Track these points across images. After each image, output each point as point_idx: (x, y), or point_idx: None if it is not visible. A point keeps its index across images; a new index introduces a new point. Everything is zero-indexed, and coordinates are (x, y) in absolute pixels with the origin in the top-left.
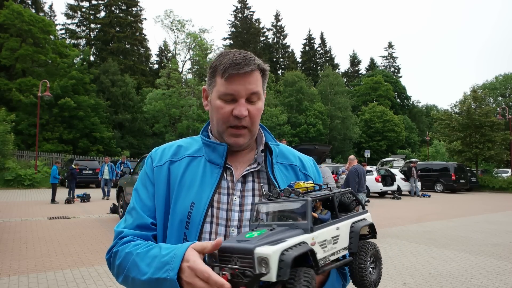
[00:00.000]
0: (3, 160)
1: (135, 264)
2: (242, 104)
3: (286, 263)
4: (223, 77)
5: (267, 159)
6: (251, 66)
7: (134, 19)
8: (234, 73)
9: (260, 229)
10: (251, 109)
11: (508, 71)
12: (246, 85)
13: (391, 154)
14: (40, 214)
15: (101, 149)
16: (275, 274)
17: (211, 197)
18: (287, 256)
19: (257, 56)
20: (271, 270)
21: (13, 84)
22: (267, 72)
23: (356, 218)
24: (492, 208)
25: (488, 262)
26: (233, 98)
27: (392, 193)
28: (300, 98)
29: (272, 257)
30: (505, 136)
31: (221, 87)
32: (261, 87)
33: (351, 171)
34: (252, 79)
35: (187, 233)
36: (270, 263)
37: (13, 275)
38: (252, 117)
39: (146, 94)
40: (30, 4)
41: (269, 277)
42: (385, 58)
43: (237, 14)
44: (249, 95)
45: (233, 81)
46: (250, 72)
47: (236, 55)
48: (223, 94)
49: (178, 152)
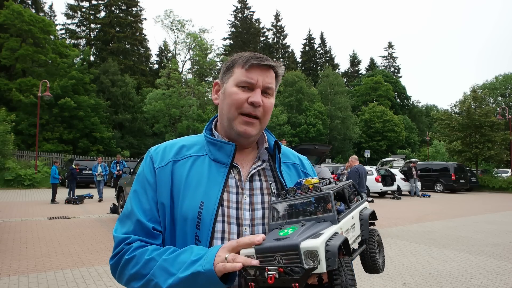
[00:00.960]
0: (3, 160)
1: (162, 269)
2: (259, 93)
3: (333, 253)
4: (243, 67)
5: (275, 157)
6: (270, 62)
7: (134, 19)
8: (256, 63)
9: (289, 226)
10: (265, 101)
11: (508, 71)
12: (264, 77)
13: (391, 154)
14: (40, 214)
15: (101, 149)
16: (325, 265)
17: (220, 195)
18: (332, 246)
19: None
20: (321, 261)
21: (13, 84)
22: (280, 76)
23: (361, 206)
24: (492, 208)
25: (488, 262)
26: (250, 87)
27: (392, 193)
28: (300, 98)
29: (320, 249)
30: (505, 136)
31: (240, 75)
32: (275, 85)
33: (352, 170)
34: (270, 74)
35: (199, 233)
36: (319, 255)
37: (13, 275)
38: (265, 110)
39: (146, 94)
40: (30, 4)
41: (319, 269)
42: (385, 58)
43: (237, 14)
44: (266, 88)
45: (254, 71)
46: (270, 68)
47: (254, 52)
48: (242, 81)
49: (181, 151)
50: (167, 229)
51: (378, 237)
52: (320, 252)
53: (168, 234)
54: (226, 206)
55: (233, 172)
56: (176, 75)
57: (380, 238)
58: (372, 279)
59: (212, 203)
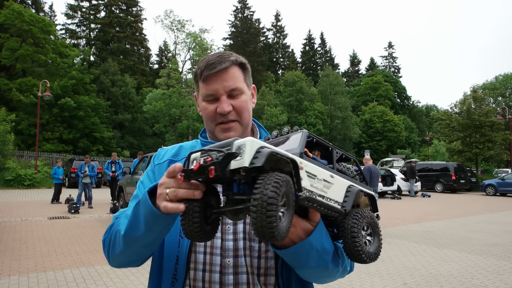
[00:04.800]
0: (3, 160)
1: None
2: (224, 101)
3: (263, 154)
4: (201, 80)
5: None
6: (224, 63)
7: (134, 19)
8: (208, 73)
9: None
10: (235, 104)
11: (508, 71)
12: (223, 83)
13: (391, 154)
14: (40, 214)
15: (101, 149)
16: (249, 160)
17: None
18: (266, 150)
19: (257, 56)
20: (245, 155)
21: (13, 84)
22: (246, 65)
23: (357, 184)
24: (492, 208)
25: (488, 262)
26: (215, 98)
27: (392, 193)
28: (300, 98)
29: (248, 143)
30: (505, 136)
31: (202, 89)
32: (242, 81)
33: (365, 169)
34: (228, 76)
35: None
36: (246, 148)
37: (13, 275)
38: (238, 110)
39: (146, 94)
40: (30, 4)
41: (241, 162)
42: (385, 58)
43: (237, 14)
44: (229, 91)
45: (210, 81)
46: (224, 70)
47: (211, 57)
48: (205, 95)
49: (179, 152)
50: None
51: (370, 219)
52: (248, 146)
53: None
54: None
55: None
56: (176, 75)
57: (375, 222)
58: (372, 279)
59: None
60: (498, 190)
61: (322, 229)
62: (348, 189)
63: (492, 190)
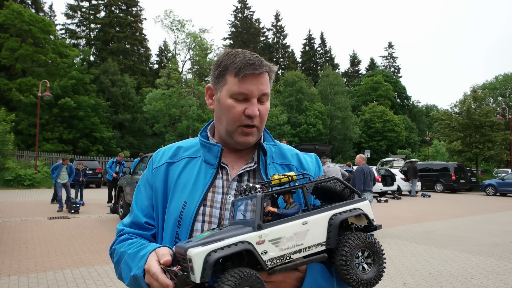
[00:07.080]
0: (3, 160)
1: (125, 262)
2: (255, 103)
3: (209, 265)
4: (237, 76)
5: (260, 159)
6: (263, 67)
7: (134, 19)
8: (250, 73)
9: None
10: (261, 109)
11: (508, 71)
12: (259, 86)
13: (391, 154)
14: (40, 214)
15: (101, 149)
16: (199, 276)
17: (203, 196)
18: (211, 258)
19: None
20: (195, 271)
21: (13, 84)
22: (273, 74)
23: (341, 209)
24: (492, 208)
25: (488, 262)
26: (246, 98)
27: (392, 193)
28: (300, 98)
29: (194, 258)
30: (505, 136)
31: (234, 86)
32: (269, 88)
33: (357, 170)
34: (264, 79)
35: (179, 232)
36: (194, 264)
37: (13, 275)
38: (261, 117)
39: (146, 94)
40: (30, 4)
41: (194, 278)
42: (385, 58)
43: (237, 14)
44: (261, 96)
45: (248, 81)
46: (263, 73)
47: (248, 55)
48: (237, 93)
49: (177, 153)
50: (159, 226)
51: (366, 244)
52: (195, 262)
53: (160, 231)
54: (209, 206)
55: (221, 173)
56: (176, 75)
57: (373, 245)
58: None
59: (194, 203)
60: (498, 190)
61: (315, 270)
62: (330, 223)
63: (492, 190)
